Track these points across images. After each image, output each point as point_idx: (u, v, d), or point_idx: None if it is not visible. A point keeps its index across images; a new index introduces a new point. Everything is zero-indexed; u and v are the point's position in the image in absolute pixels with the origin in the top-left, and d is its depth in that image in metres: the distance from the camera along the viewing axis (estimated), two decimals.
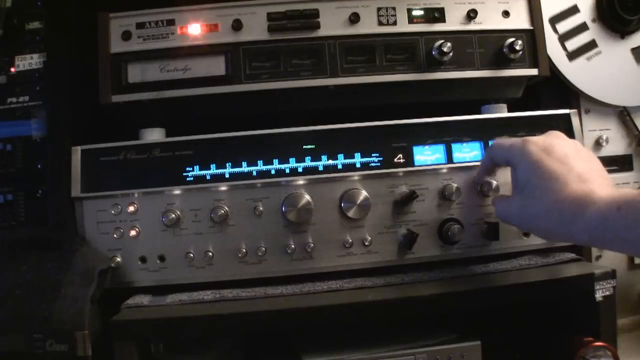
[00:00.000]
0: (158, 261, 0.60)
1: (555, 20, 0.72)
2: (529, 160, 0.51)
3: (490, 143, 0.63)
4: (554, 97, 0.73)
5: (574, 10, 0.73)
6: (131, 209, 0.60)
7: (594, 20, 0.73)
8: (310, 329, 0.60)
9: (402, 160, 0.62)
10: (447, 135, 0.63)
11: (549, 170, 0.49)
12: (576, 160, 0.50)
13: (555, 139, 0.53)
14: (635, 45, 0.74)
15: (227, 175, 0.61)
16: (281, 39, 0.63)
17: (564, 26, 0.72)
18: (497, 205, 0.58)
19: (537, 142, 0.52)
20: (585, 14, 0.73)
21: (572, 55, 0.72)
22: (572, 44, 0.73)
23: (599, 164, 0.51)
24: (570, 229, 0.47)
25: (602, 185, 0.47)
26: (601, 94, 0.73)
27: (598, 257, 0.70)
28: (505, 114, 0.67)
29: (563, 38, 0.72)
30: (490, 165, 0.59)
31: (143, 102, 0.63)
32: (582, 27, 0.73)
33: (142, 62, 0.63)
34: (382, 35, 0.64)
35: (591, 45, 0.73)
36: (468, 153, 0.63)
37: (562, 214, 0.47)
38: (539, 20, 0.67)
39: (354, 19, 0.64)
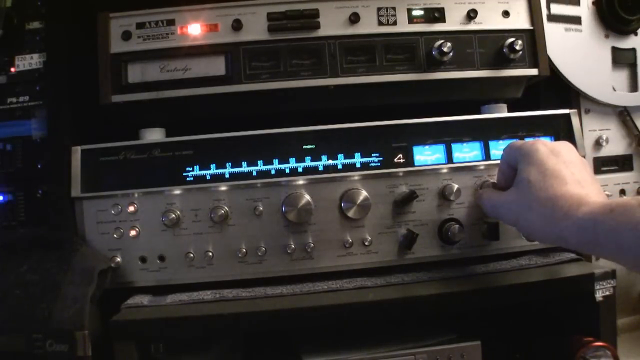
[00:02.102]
0: (158, 261, 0.60)
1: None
2: (535, 156, 0.52)
3: (490, 143, 0.63)
4: (554, 97, 0.73)
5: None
6: (131, 209, 0.60)
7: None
8: (310, 329, 0.60)
9: (402, 160, 0.62)
10: (447, 135, 0.63)
11: (552, 168, 0.51)
12: (579, 169, 0.52)
13: (565, 147, 0.55)
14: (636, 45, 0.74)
15: (227, 175, 0.61)
16: (281, 39, 0.63)
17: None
18: (486, 197, 0.59)
19: (547, 144, 0.54)
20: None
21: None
22: None
23: (598, 183, 0.53)
24: (560, 226, 0.48)
25: (598, 195, 0.49)
26: (601, 94, 0.73)
27: (598, 257, 0.70)
28: (505, 114, 0.67)
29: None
30: (505, 167, 0.57)
31: (143, 102, 0.63)
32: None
33: (142, 62, 0.63)
34: (382, 35, 0.64)
35: None
36: (468, 153, 0.63)
37: (554, 210, 0.48)
38: (539, 20, 0.67)
39: (354, 19, 0.64)
